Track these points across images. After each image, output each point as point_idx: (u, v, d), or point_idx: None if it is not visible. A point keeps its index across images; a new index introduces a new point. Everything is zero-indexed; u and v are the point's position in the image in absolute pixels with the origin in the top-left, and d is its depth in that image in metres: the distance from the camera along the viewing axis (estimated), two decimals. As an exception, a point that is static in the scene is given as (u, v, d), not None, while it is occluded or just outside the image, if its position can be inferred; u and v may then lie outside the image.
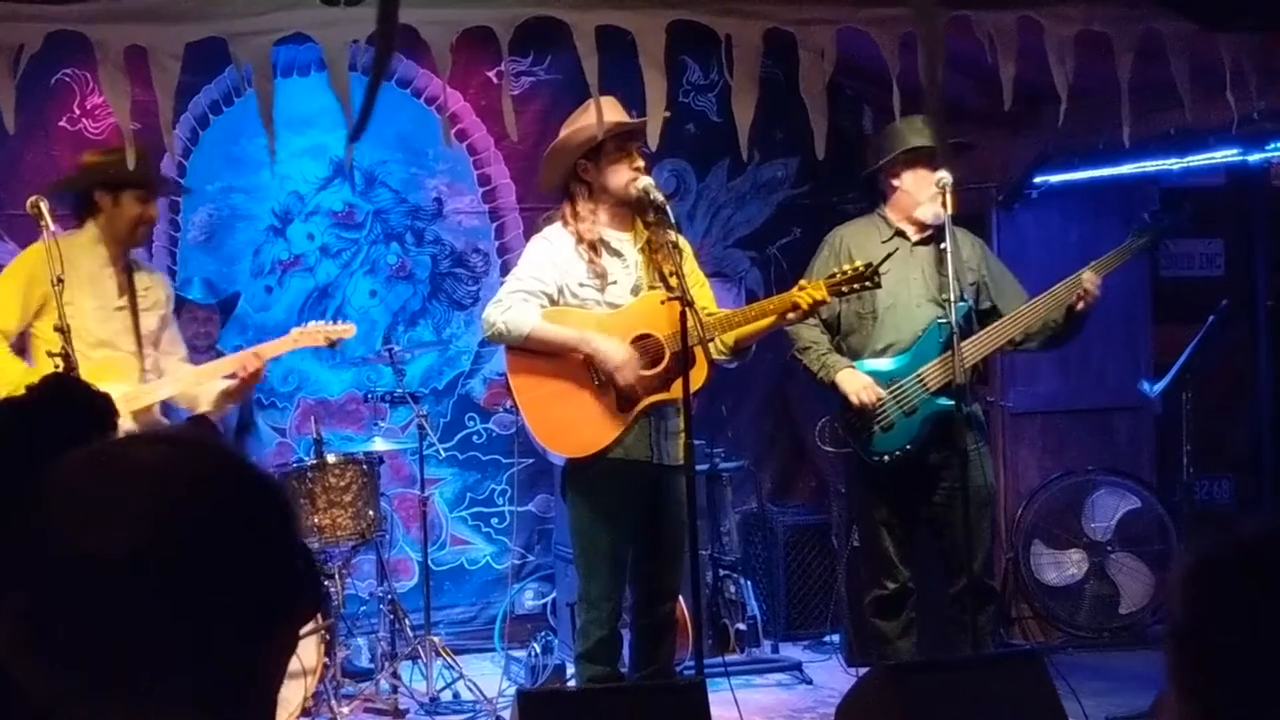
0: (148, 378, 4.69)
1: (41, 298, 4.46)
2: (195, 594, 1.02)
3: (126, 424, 4.42)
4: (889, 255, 4.62)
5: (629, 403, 4.36)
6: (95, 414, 2.04)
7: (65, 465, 1.07)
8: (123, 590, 1.01)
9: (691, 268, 4.54)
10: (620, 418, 4.36)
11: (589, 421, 4.37)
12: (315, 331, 4.81)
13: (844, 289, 4.46)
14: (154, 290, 4.78)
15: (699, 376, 4.36)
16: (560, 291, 4.43)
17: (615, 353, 4.32)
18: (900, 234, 4.88)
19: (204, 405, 4.73)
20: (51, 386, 2.04)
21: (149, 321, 4.72)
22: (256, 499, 1.10)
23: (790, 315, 4.41)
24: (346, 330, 4.87)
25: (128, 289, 4.67)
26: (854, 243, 4.93)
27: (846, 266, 4.47)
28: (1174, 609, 1.18)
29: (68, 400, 2.01)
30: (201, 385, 4.70)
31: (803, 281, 4.46)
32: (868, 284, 4.46)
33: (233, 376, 4.66)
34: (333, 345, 4.87)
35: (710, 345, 4.42)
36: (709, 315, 4.43)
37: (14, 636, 1.03)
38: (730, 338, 4.45)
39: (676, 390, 4.30)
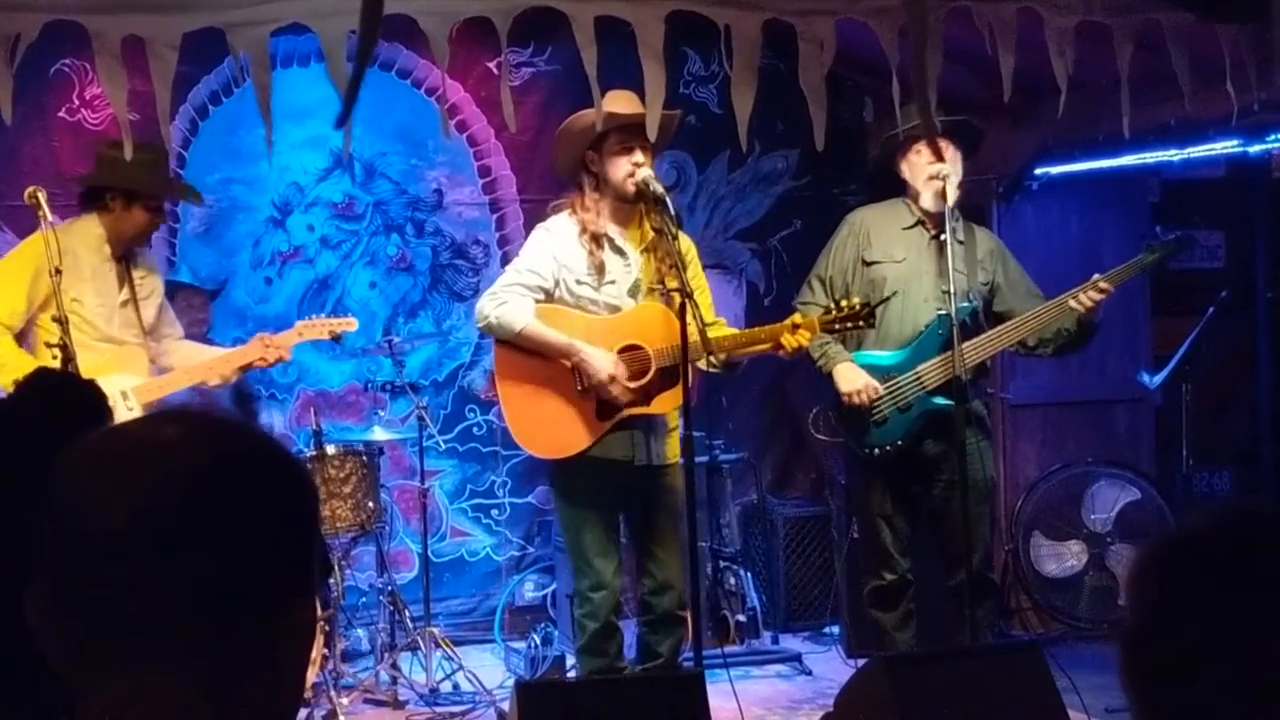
0: (153, 369, 4.72)
1: (47, 289, 4.47)
2: (200, 570, 1.03)
3: (137, 414, 4.45)
4: (885, 300, 4.66)
5: (607, 413, 4.41)
6: (86, 405, 2.05)
7: (83, 443, 1.08)
8: (127, 564, 1.01)
9: (694, 272, 4.57)
10: (597, 425, 4.43)
11: (564, 425, 4.44)
12: (319, 325, 4.86)
13: (836, 328, 4.46)
14: (149, 279, 4.81)
15: (674, 399, 4.37)
16: (558, 285, 4.49)
17: (603, 366, 4.36)
18: (922, 223, 4.87)
19: (214, 381, 4.78)
20: (40, 381, 2.04)
21: (148, 312, 4.75)
22: (273, 477, 1.09)
23: (781, 353, 4.41)
24: (349, 324, 4.92)
25: (127, 280, 4.69)
26: (874, 226, 4.91)
27: (844, 303, 4.45)
28: (1126, 606, 1.15)
29: (58, 394, 2.02)
30: (214, 374, 4.73)
31: (796, 318, 4.43)
32: (861, 324, 4.46)
33: (249, 366, 4.73)
34: (336, 339, 4.93)
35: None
36: (706, 326, 4.46)
37: (41, 617, 1.04)
38: (723, 353, 4.47)
39: (656, 405, 4.42)
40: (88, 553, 1.02)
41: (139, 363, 4.67)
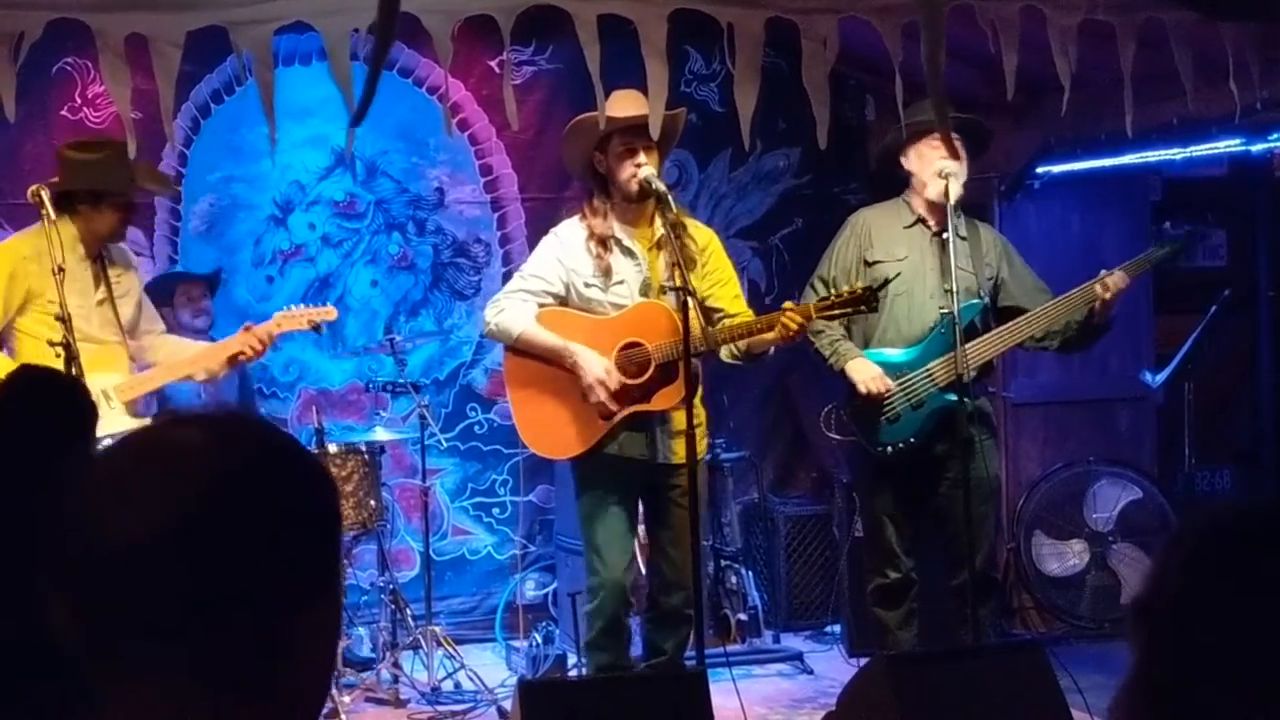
0: (134, 366, 4.70)
1: (24, 294, 4.45)
2: (224, 575, 1.03)
3: (119, 413, 4.45)
4: (887, 282, 4.57)
5: (607, 412, 4.42)
6: (71, 402, 2.04)
7: (104, 450, 1.08)
8: (150, 571, 1.01)
9: (716, 264, 4.56)
10: (600, 424, 4.46)
11: (568, 424, 4.49)
12: (298, 315, 4.82)
13: (835, 312, 4.38)
14: (125, 276, 4.78)
15: (675, 394, 4.36)
16: (568, 289, 4.53)
17: (592, 368, 4.37)
18: (922, 221, 4.86)
19: (200, 375, 4.75)
20: (22, 380, 2.04)
21: (125, 310, 4.73)
22: (296, 480, 1.09)
23: (773, 336, 4.34)
24: (327, 313, 4.89)
25: (103, 279, 4.67)
26: (875, 226, 4.90)
27: (845, 288, 4.43)
28: (1149, 583, 1.13)
29: (40, 391, 2.02)
30: (198, 368, 4.71)
31: (788, 304, 4.37)
32: (863, 308, 4.36)
33: (236, 358, 4.70)
34: (316, 329, 4.88)
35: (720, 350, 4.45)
36: (729, 318, 4.45)
37: (61, 620, 1.04)
38: (742, 344, 4.45)
39: (657, 402, 4.43)
40: (110, 561, 1.02)
41: (119, 361, 4.65)
